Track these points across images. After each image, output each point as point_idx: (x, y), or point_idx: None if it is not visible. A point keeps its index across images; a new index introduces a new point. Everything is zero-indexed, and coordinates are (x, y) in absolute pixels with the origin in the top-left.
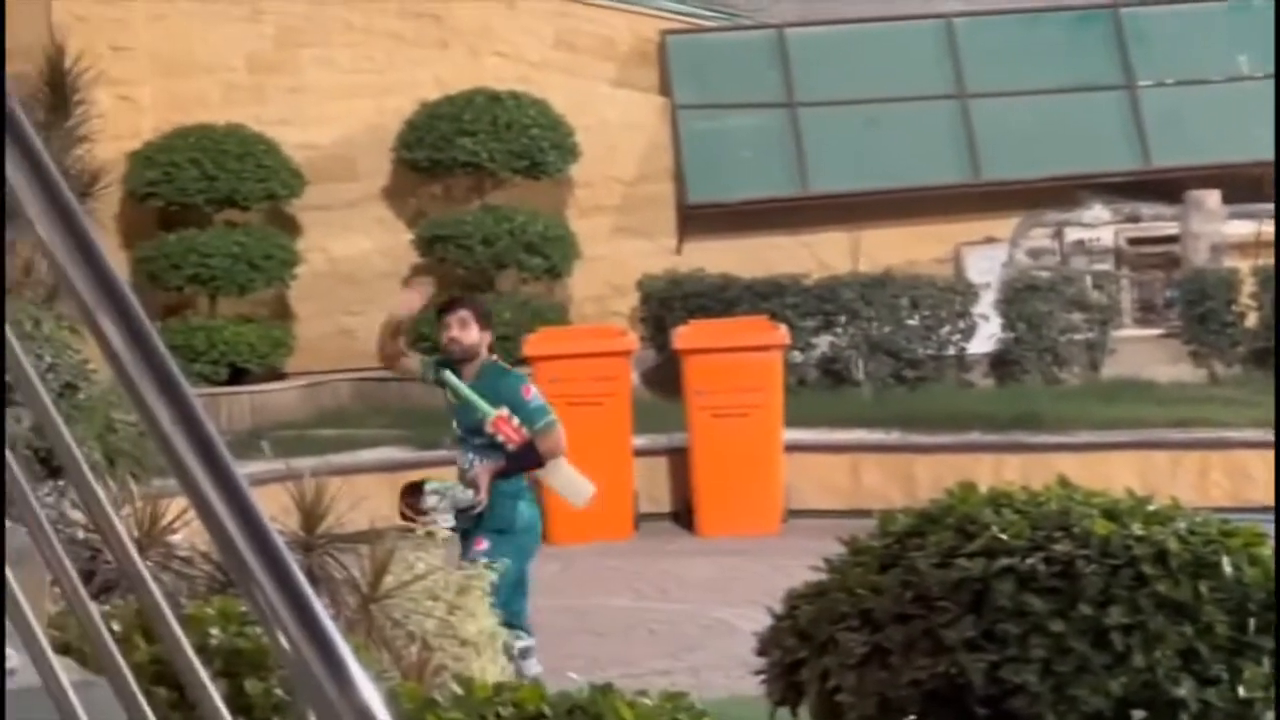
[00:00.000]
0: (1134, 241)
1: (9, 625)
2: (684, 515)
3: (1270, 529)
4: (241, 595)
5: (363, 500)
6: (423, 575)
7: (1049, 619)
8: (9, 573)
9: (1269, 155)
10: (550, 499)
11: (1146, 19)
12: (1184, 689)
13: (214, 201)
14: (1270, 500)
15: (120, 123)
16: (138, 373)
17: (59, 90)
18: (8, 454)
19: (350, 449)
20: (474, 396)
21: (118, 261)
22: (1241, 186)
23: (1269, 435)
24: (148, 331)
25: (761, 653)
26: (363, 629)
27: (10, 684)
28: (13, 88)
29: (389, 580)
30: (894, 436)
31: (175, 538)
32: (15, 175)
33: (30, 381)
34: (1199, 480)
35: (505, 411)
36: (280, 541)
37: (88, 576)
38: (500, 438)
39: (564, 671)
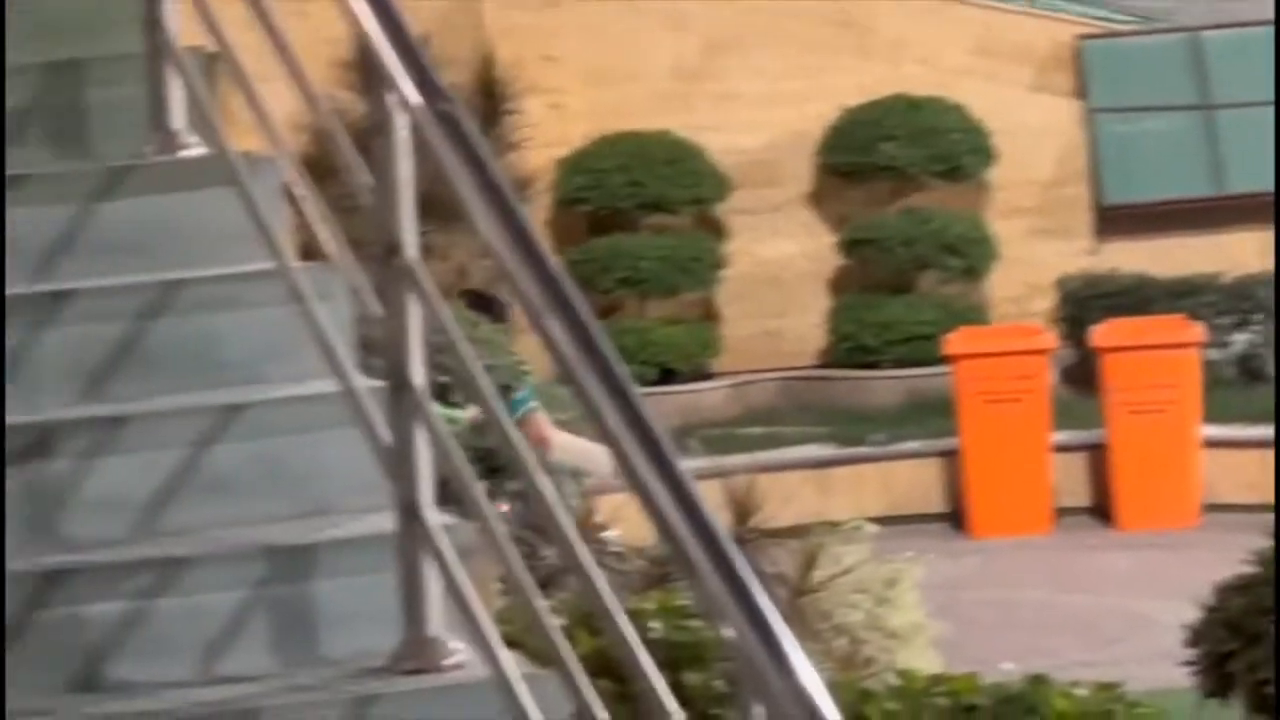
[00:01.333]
0: None
1: (459, 618)
2: (1101, 509)
3: None
4: (686, 588)
5: (790, 497)
6: (850, 569)
7: None
8: (458, 568)
9: None
10: None
11: None
12: None
13: (642, 206)
14: None
15: (550, 130)
16: (585, 373)
17: (491, 99)
18: (457, 450)
19: (776, 446)
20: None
21: None
22: None
23: None
24: (594, 333)
25: (1192, 644)
26: (793, 623)
27: (460, 676)
28: (457, 95)
29: (817, 574)
30: None
31: (607, 534)
32: (460, 181)
33: (475, 383)
34: None
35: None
36: (726, 536)
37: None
38: None
39: (991, 663)
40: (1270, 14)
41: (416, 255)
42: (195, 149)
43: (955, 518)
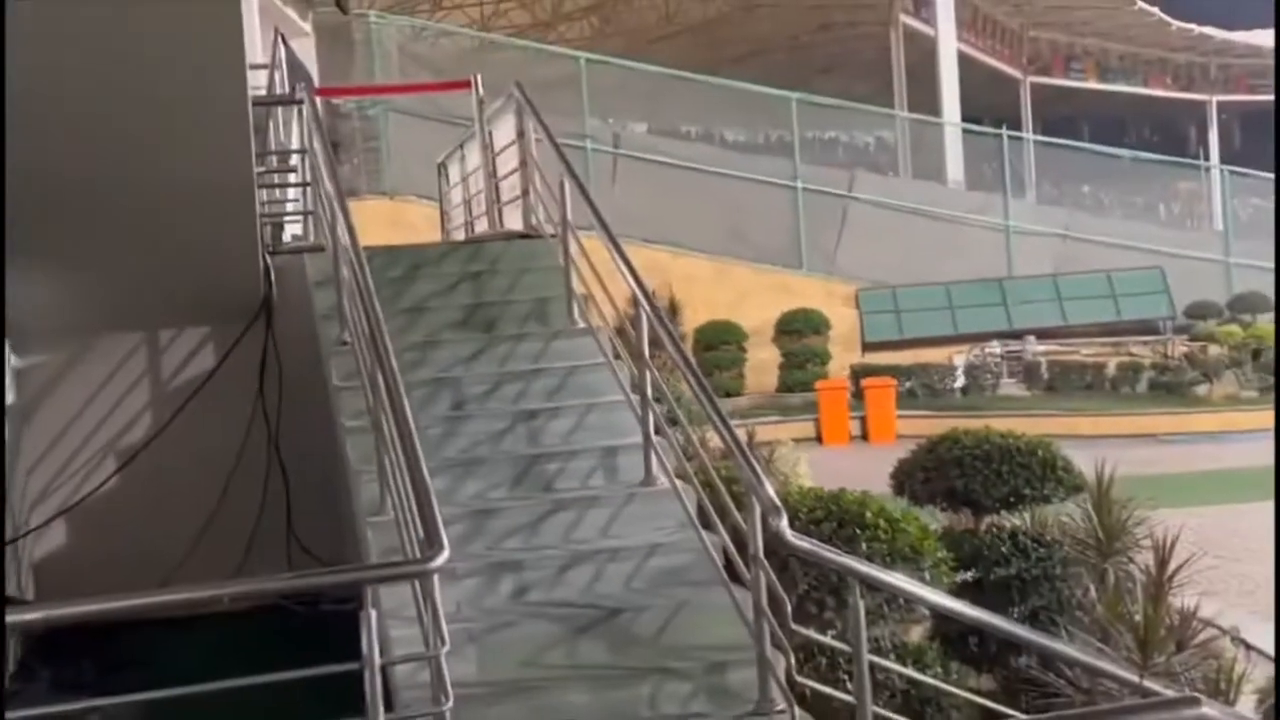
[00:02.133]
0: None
1: (664, 473)
2: (865, 436)
3: None
4: (733, 460)
5: (767, 434)
6: (784, 455)
7: None
8: (665, 455)
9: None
10: None
11: None
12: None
13: (721, 342)
14: None
15: (692, 320)
16: (700, 392)
17: (673, 310)
18: (659, 415)
19: (762, 417)
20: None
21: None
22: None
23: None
24: (703, 380)
25: (893, 478)
26: (765, 472)
27: (661, 488)
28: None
29: (775, 456)
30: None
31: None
32: (663, 334)
33: (668, 399)
34: None
35: None
36: (743, 443)
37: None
38: None
39: (829, 486)
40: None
41: (647, 356)
42: (580, 325)
43: (819, 439)
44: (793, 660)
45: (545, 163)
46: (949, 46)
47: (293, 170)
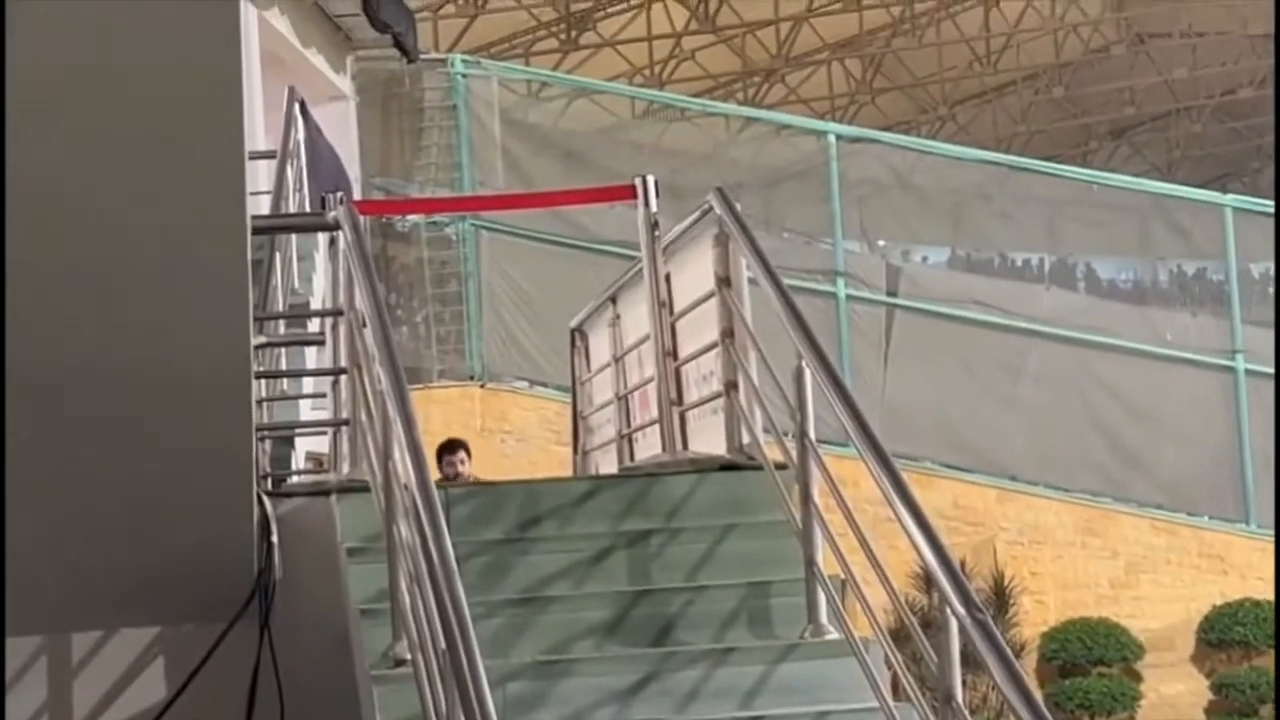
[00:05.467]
0: None
1: None
2: None
3: None
4: None
5: None
6: None
7: None
8: None
9: None
10: None
11: None
12: None
13: (1090, 661)
14: None
15: (1035, 616)
16: None
17: (1000, 598)
18: None
19: None
20: None
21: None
22: None
23: None
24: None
25: None
26: None
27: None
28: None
29: None
30: None
31: None
32: (989, 664)
33: None
34: None
35: None
36: None
37: None
38: None
39: None
40: None
41: (959, 694)
42: (832, 634)
43: None
44: None
45: (764, 325)
46: None
47: (316, 343)
